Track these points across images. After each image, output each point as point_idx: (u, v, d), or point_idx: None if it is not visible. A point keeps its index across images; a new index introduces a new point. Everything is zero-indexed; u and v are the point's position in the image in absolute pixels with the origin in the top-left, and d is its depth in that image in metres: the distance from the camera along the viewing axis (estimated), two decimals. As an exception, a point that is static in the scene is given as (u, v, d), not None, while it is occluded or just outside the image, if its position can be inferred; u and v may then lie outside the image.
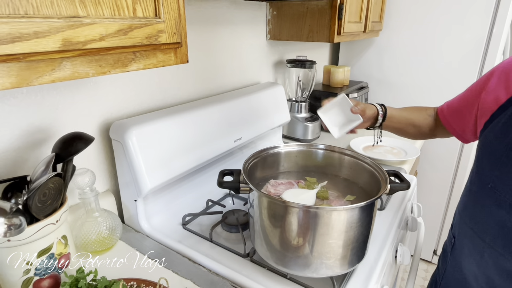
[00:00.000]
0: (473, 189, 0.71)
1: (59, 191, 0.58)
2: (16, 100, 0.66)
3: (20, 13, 0.36)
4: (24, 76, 0.39)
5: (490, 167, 0.65)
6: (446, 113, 0.82)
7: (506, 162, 0.60)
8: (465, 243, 0.73)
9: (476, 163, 0.70)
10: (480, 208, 0.67)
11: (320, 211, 0.57)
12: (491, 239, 0.64)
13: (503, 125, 0.62)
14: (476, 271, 0.70)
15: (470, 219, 0.71)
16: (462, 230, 0.75)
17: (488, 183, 0.65)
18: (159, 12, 0.51)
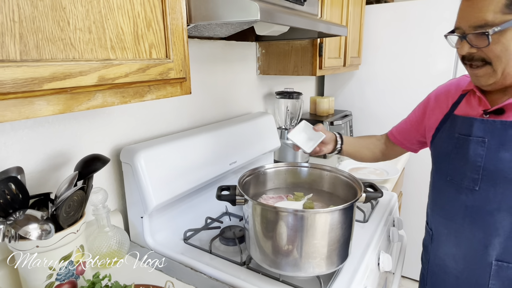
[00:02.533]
0: (436, 185, 0.89)
1: (81, 204, 0.68)
2: (43, 128, 0.77)
3: (70, 57, 0.48)
4: (69, 105, 0.50)
5: (445, 164, 0.84)
6: (396, 135, 1.05)
7: (454, 157, 0.81)
8: (440, 230, 0.88)
9: (434, 165, 0.90)
10: (445, 198, 0.85)
11: (305, 214, 0.68)
12: (460, 219, 0.81)
13: (447, 133, 0.84)
14: (454, 251, 0.85)
15: (440, 209, 0.88)
16: (435, 221, 0.90)
17: (446, 176, 0.84)
18: (169, 54, 0.64)
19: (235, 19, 0.67)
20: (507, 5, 0.64)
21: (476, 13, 0.67)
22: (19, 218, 0.59)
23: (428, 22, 1.74)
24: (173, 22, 0.64)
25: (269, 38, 1.36)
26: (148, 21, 0.60)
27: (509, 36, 0.65)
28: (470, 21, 0.69)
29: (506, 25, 0.64)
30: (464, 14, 0.70)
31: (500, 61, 0.68)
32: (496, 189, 0.74)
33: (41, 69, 0.45)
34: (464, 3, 0.71)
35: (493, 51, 0.68)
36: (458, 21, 0.73)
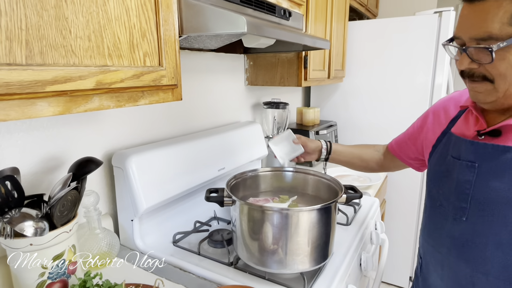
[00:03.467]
0: (427, 209, 0.83)
1: (74, 204, 0.71)
2: (37, 132, 0.80)
3: (70, 63, 0.52)
4: (68, 106, 0.54)
5: (436, 188, 0.77)
6: (396, 147, 0.99)
7: (445, 181, 0.73)
8: (428, 259, 0.81)
9: (427, 188, 0.83)
10: (434, 225, 0.78)
11: (289, 212, 0.72)
12: (446, 250, 0.73)
13: (440, 153, 0.78)
14: (439, 284, 0.77)
15: (428, 236, 0.80)
16: (425, 248, 0.83)
17: (436, 202, 0.76)
18: (162, 62, 0.69)
19: (224, 31, 0.73)
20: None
21: (479, 23, 0.58)
22: (15, 216, 0.61)
23: (407, 38, 1.85)
24: (166, 33, 0.69)
25: (257, 50, 1.43)
26: (143, 32, 0.64)
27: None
28: (471, 32, 0.59)
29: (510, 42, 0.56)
30: (466, 22, 0.61)
31: (504, 80, 0.59)
32: (485, 221, 0.66)
33: (44, 73, 0.48)
34: (466, 9, 0.61)
35: (497, 68, 0.59)
36: (458, 29, 0.63)
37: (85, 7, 0.54)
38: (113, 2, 0.58)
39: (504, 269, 0.63)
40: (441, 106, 0.85)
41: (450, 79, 1.95)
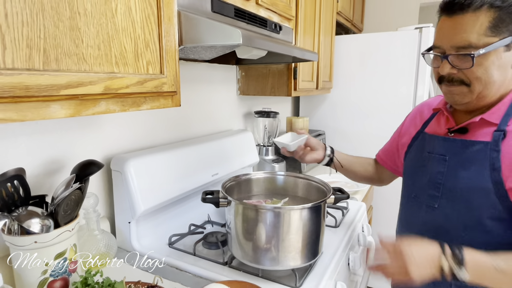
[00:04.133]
0: (403, 201, 0.92)
1: (77, 204, 0.74)
2: (41, 136, 0.84)
3: (82, 70, 0.57)
4: (78, 109, 0.59)
5: (411, 181, 0.86)
6: (382, 156, 1.07)
7: (420, 174, 0.83)
8: None
9: (403, 182, 0.93)
10: (410, 215, 0.88)
11: (281, 211, 0.77)
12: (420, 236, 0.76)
13: (416, 150, 0.88)
14: None
15: (403, 226, 0.91)
16: (401, 236, 0.91)
17: (411, 193, 0.86)
18: (163, 70, 0.74)
19: (221, 43, 0.78)
20: (490, 27, 0.64)
21: (459, 34, 0.66)
22: (22, 213, 0.64)
23: (390, 52, 1.95)
24: (167, 43, 0.74)
25: (249, 61, 1.49)
26: (147, 42, 0.70)
27: (491, 59, 0.66)
28: (452, 41, 0.68)
29: (489, 48, 0.65)
30: (446, 33, 0.69)
31: (480, 83, 0.68)
32: (454, 207, 0.74)
33: (59, 78, 0.53)
34: (445, 22, 0.70)
35: (475, 73, 0.68)
36: (439, 40, 0.71)
37: (96, 19, 0.59)
38: (121, 15, 0.63)
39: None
40: (417, 110, 0.96)
41: (431, 90, 2.06)
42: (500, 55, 0.66)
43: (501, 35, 0.65)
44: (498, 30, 0.65)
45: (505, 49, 0.66)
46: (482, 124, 0.73)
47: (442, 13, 0.71)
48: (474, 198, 0.68)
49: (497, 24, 0.65)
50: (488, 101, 0.72)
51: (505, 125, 0.70)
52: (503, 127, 0.70)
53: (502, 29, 0.65)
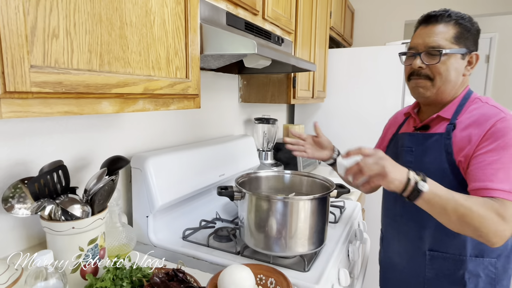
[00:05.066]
0: (384, 190, 1.10)
1: (108, 194, 0.81)
2: (71, 134, 0.91)
3: (127, 72, 0.66)
4: (122, 106, 0.67)
5: None
6: None
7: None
8: (388, 230, 1.08)
9: None
10: (389, 200, 1.06)
11: (290, 200, 0.86)
12: (400, 217, 1.00)
13: (392, 147, 1.07)
14: (398, 248, 1.02)
15: (385, 210, 1.08)
16: (384, 222, 1.10)
17: None
18: (189, 75, 0.83)
19: (238, 52, 0.89)
20: (455, 37, 0.86)
21: (432, 37, 0.87)
22: (65, 200, 0.72)
23: (379, 64, 2.10)
24: (192, 52, 0.84)
25: (250, 71, 1.60)
26: (176, 50, 0.79)
27: (451, 61, 0.86)
28: (425, 42, 0.88)
29: (453, 51, 0.86)
30: (421, 36, 0.90)
31: (441, 79, 0.88)
32: None
33: (110, 78, 0.62)
34: (422, 30, 0.91)
35: (438, 69, 0.87)
36: (414, 42, 0.92)
37: (138, 29, 0.68)
38: (157, 26, 0.73)
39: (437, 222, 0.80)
40: (393, 118, 1.17)
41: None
42: (458, 60, 0.88)
43: (461, 45, 0.87)
44: (460, 41, 0.87)
45: (461, 57, 0.88)
46: (439, 120, 0.92)
47: (420, 24, 0.93)
48: (436, 178, 0.78)
49: (460, 36, 0.87)
50: (445, 98, 0.92)
51: (455, 119, 0.89)
52: (454, 121, 0.89)
53: (462, 41, 0.87)
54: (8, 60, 0.46)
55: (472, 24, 0.89)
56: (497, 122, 0.81)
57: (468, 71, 0.91)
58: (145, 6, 0.69)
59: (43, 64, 0.51)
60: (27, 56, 0.48)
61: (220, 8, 0.98)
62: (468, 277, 0.89)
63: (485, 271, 0.88)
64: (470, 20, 0.90)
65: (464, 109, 0.90)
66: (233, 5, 1.05)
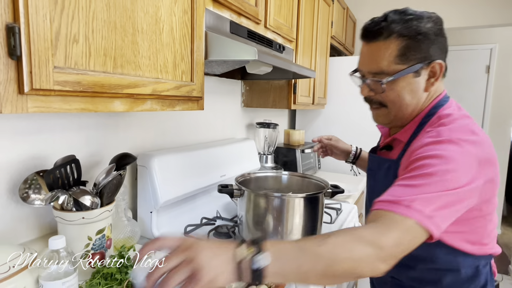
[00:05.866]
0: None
1: (116, 188, 0.87)
2: (83, 131, 0.97)
3: (137, 74, 0.72)
4: (131, 106, 0.73)
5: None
6: None
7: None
8: None
9: None
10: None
11: (287, 198, 0.91)
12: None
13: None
14: None
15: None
16: None
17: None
18: (193, 78, 0.90)
19: (240, 58, 0.95)
20: (399, 55, 0.70)
21: (374, 59, 0.73)
22: (77, 191, 0.77)
23: (378, 72, 2.16)
24: (197, 57, 0.90)
25: (253, 77, 1.67)
26: (182, 55, 0.86)
27: (401, 84, 0.72)
28: (369, 67, 0.75)
29: (397, 75, 0.71)
30: (364, 59, 0.76)
31: (394, 105, 0.75)
32: None
33: (123, 80, 0.68)
34: (364, 48, 0.76)
35: (388, 97, 0.74)
36: (360, 64, 0.78)
37: (148, 35, 0.75)
38: (165, 33, 0.79)
39: None
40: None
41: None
42: (409, 81, 0.73)
43: (409, 63, 0.71)
44: (406, 58, 0.71)
45: (415, 75, 0.72)
46: (398, 142, 0.81)
47: (362, 40, 0.77)
48: None
49: (405, 52, 0.70)
50: (405, 121, 0.79)
51: (409, 143, 0.75)
52: (407, 147, 0.75)
53: (410, 57, 0.70)
54: (35, 61, 0.52)
55: (426, 28, 0.70)
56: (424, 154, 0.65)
57: (432, 84, 0.74)
58: (155, 15, 0.76)
59: (65, 66, 0.57)
60: (51, 58, 0.54)
61: (224, 17, 1.05)
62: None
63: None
64: (420, 22, 0.70)
65: (423, 131, 0.74)
66: (237, 14, 1.12)
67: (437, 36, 0.72)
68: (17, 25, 0.49)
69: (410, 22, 0.70)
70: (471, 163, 0.63)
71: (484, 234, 0.73)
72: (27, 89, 0.51)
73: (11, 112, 0.51)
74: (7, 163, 0.80)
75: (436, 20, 0.72)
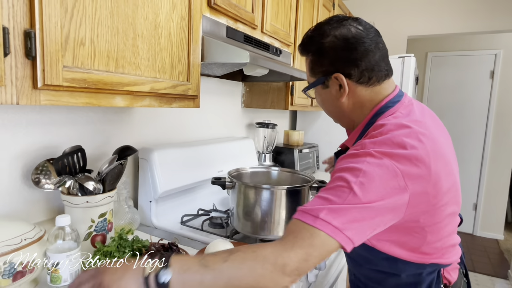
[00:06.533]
0: None
1: (118, 176, 0.96)
2: (89, 126, 1.07)
3: (137, 74, 0.81)
4: (131, 102, 0.82)
5: None
6: None
7: None
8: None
9: None
10: None
11: (274, 189, 0.99)
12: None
13: None
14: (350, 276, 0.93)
15: None
16: None
17: None
18: (189, 79, 0.98)
19: (233, 61, 1.03)
20: (309, 70, 0.80)
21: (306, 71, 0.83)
22: (82, 177, 0.87)
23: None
24: (193, 59, 0.99)
25: (253, 79, 1.75)
26: (179, 58, 0.95)
27: (317, 94, 0.82)
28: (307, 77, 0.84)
29: (309, 87, 0.80)
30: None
31: (324, 110, 0.85)
32: None
33: (123, 78, 0.77)
34: None
35: (317, 102, 0.84)
36: None
37: (148, 39, 0.84)
38: (164, 38, 0.88)
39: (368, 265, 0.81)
40: None
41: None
42: (319, 92, 0.80)
43: (317, 75, 0.78)
44: (315, 71, 0.78)
45: (323, 87, 0.78)
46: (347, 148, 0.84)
47: None
48: None
49: (313, 67, 0.78)
50: (348, 126, 0.85)
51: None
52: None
53: (316, 70, 0.78)
54: (47, 61, 0.61)
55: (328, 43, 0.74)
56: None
57: (342, 95, 0.75)
58: (154, 21, 0.85)
59: (72, 65, 0.66)
60: (61, 59, 0.64)
61: (221, 23, 1.14)
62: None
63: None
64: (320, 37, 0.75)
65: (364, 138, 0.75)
66: (233, 20, 1.21)
67: (341, 50, 0.73)
68: (33, 31, 0.59)
69: (313, 40, 0.76)
70: (387, 178, 0.61)
71: (423, 244, 0.72)
72: (40, 84, 0.60)
73: (26, 104, 0.60)
74: (22, 151, 0.90)
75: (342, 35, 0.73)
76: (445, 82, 3.79)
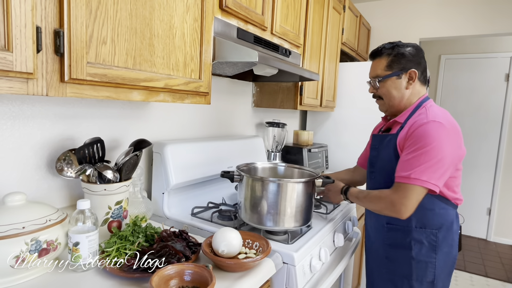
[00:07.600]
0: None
1: (133, 167, 1.03)
2: (107, 120, 1.15)
3: (153, 71, 0.88)
4: (147, 97, 0.89)
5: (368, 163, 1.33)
6: (361, 160, 1.48)
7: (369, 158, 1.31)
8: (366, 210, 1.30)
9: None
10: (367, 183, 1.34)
11: (281, 182, 1.04)
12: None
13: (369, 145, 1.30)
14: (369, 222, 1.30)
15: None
16: None
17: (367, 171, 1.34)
18: (201, 76, 1.05)
19: (243, 60, 1.09)
20: (387, 66, 1.18)
21: (373, 69, 1.23)
22: (101, 166, 0.94)
23: (387, 78, 2.23)
24: (205, 58, 1.05)
25: (263, 79, 1.81)
26: (192, 56, 1.01)
27: (388, 83, 1.19)
28: (371, 73, 1.24)
29: (386, 77, 1.18)
30: (370, 69, 1.25)
31: (386, 97, 1.21)
32: (380, 175, 1.20)
33: (140, 74, 0.84)
34: (371, 63, 1.25)
35: (381, 91, 1.21)
36: (369, 73, 1.26)
37: (163, 39, 0.90)
38: (178, 38, 0.95)
39: None
40: (378, 124, 1.42)
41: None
42: (394, 81, 1.18)
43: (394, 69, 1.17)
44: (392, 66, 1.18)
45: (397, 78, 1.18)
46: (397, 124, 1.20)
47: (369, 59, 1.28)
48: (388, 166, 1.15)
49: (390, 64, 1.18)
50: (396, 109, 1.21)
51: (405, 123, 1.14)
52: (404, 125, 1.14)
53: (394, 67, 1.17)
54: (74, 57, 0.68)
55: (404, 50, 1.16)
56: (417, 128, 1.06)
57: (411, 84, 1.17)
58: (169, 22, 0.91)
59: (95, 61, 0.73)
60: (86, 56, 0.70)
61: (232, 24, 1.20)
62: (413, 243, 1.13)
63: (427, 239, 1.12)
64: (400, 47, 1.17)
65: (415, 115, 1.14)
66: (244, 22, 1.27)
67: (413, 55, 1.16)
68: (62, 30, 0.66)
69: (396, 48, 1.18)
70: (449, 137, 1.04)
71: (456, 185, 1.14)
72: (67, 78, 0.67)
73: (54, 95, 0.67)
74: (48, 140, 0.98)
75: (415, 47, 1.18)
76: (459, 85, 3.75)
